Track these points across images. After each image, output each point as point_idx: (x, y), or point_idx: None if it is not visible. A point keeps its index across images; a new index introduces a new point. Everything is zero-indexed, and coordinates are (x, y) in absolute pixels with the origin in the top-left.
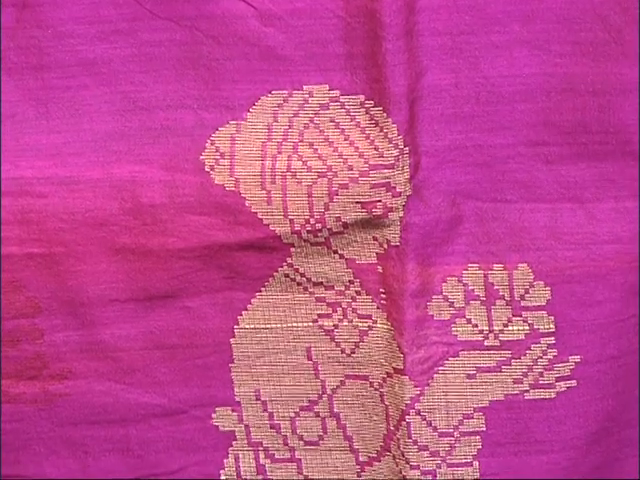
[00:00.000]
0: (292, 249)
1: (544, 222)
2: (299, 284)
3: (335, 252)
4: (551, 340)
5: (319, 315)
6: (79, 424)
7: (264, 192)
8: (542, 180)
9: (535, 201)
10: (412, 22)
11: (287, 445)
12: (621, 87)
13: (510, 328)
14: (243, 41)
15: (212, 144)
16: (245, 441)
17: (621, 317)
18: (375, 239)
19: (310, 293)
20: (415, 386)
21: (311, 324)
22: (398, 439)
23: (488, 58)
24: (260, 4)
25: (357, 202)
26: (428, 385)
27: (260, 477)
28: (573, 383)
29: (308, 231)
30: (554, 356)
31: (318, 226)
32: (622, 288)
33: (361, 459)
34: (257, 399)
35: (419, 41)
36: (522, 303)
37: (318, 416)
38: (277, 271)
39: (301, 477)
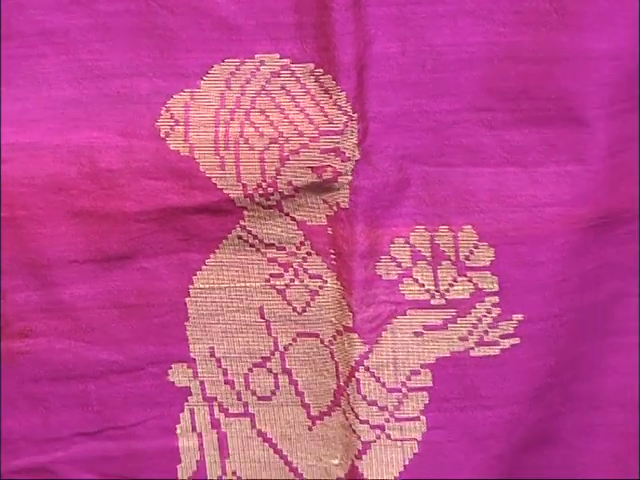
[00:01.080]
0: (245, 212)
1: (488, 185)
2: (252, 245)
3: (287, 215)
4: (495, 299)
5: (271, 275)
6: (40, 380)
7: (218, 157)
8: (486, 145)
9: (479, 165)
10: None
11: (241, 400)
12: (561, 55)
13: (455, 287)
14: (196, 11)
15: (167, 111)
16: (200, 396)
17: (563, 277)
18: (325, 202)
19: (262, 254)
20: (364, 343)
21: (263, 284)
22: (348, 394)
23: (433, 27)
24: None
25: (307, 167)
26: (376, 342)
27: (215, 431)
28: (517, 341)
29: (260, 195)
30: (498, 314)
31: (270, 190)
32: (563, 248)
33: (312, 413)
34: (212, 356)
35: (366, 11)
36: (467, 263)
37: (271, 372)
38: (230, 233)
39: (254, 431)
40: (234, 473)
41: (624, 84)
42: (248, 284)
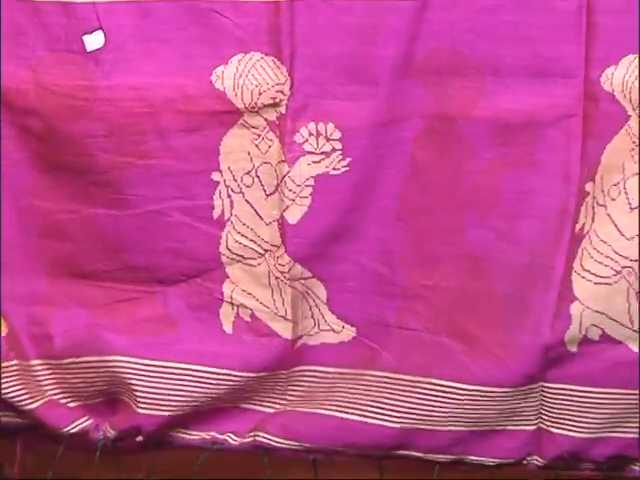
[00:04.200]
0: (245, 114)
1: (337, 108)
2: (246, 127)
3: (261, 115)
4: (340, 151)
5: (252, 139)
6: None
7: (234, 92)
8: (340, 93)
9: (334, 100)
10: (294, 32)
11: (240, 188)
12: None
13: (324, 146)
14: (228, 35)
15: (215, 73)
16: (223, 184)
17: (369, 141)
18: (275, 110)
19: (250, 130)
20: (289, 167)
21: (249, 142)
22: (281, 185)
23: (320, 45)
24: (235, 18)
25: (270, 97)
26: (293, 166)
27: (229, 199)
28: (348, 168)
29: (250, 107)
30: (341, 157)
31: (254, 105)
32: (370, 132)
33: (268, 192)
34: (228, 169)
35: (294, 37)
36: (330, 137)
37: (251, 175)
38: (238, 121)
39: (244, 200)
40: (236, 215)
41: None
42: (244, 142)
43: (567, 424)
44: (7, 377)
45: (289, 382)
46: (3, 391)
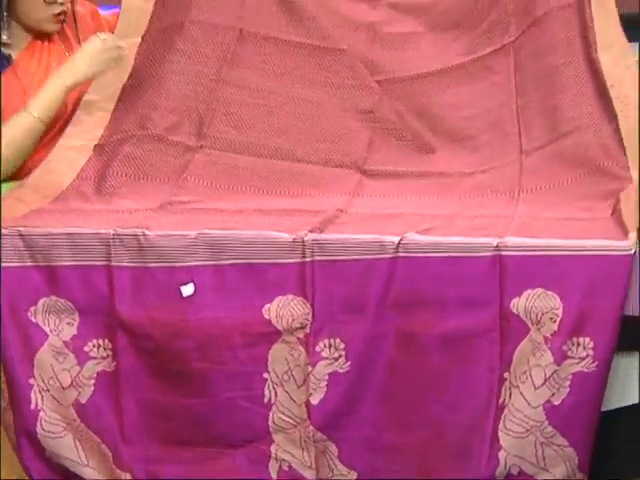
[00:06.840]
0: (283, 334)
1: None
2: (284, 343)
3: (294, 335)
4: (344, 356)
5: (289, 350)
6: None
7: (277, 320)
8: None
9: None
10: (314, 281)
11: None
12: None
13: (335, 353)
14: (270, 283)
15: (264, 309)
16: (270, 381)
17: None
18: (303, 331)
19: (288, 344)
20: (312, 367)
21: (287, 353)
22: (307, 380)
23: (334, 286)
24: (276, 273)
25: (300, 322)
26: (315, 367)
27: None
28: (349, 368)
29: (287, 330)
30: (345, 360)
31: (289, 328)
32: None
33: (298, 385)
34: None
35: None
36: (338, 348)
37: None
38: (279, 338)
39: None
40: (278, 400)
41: None
42: (283, 352)
43: None
44: None
45: None
46: None
